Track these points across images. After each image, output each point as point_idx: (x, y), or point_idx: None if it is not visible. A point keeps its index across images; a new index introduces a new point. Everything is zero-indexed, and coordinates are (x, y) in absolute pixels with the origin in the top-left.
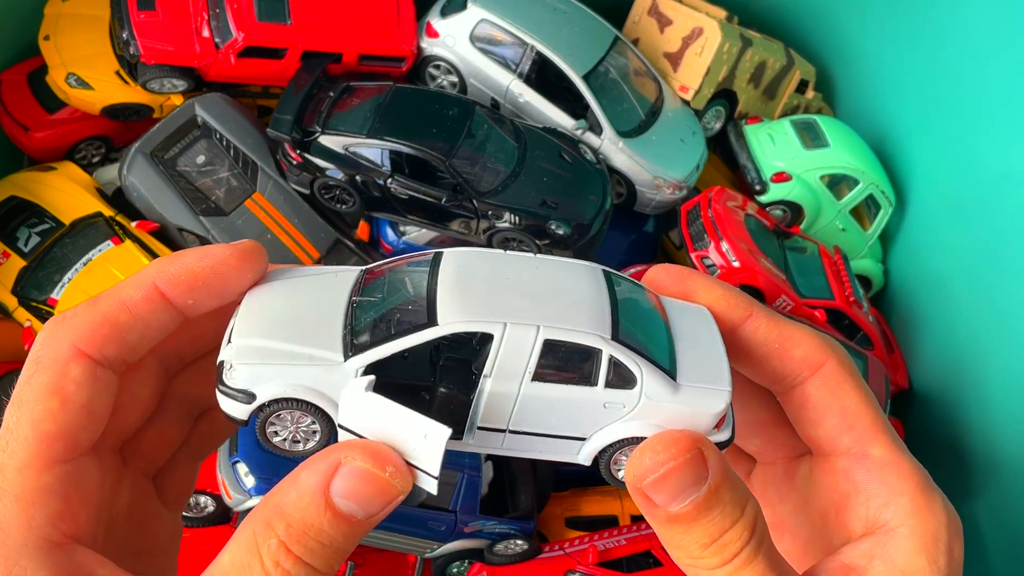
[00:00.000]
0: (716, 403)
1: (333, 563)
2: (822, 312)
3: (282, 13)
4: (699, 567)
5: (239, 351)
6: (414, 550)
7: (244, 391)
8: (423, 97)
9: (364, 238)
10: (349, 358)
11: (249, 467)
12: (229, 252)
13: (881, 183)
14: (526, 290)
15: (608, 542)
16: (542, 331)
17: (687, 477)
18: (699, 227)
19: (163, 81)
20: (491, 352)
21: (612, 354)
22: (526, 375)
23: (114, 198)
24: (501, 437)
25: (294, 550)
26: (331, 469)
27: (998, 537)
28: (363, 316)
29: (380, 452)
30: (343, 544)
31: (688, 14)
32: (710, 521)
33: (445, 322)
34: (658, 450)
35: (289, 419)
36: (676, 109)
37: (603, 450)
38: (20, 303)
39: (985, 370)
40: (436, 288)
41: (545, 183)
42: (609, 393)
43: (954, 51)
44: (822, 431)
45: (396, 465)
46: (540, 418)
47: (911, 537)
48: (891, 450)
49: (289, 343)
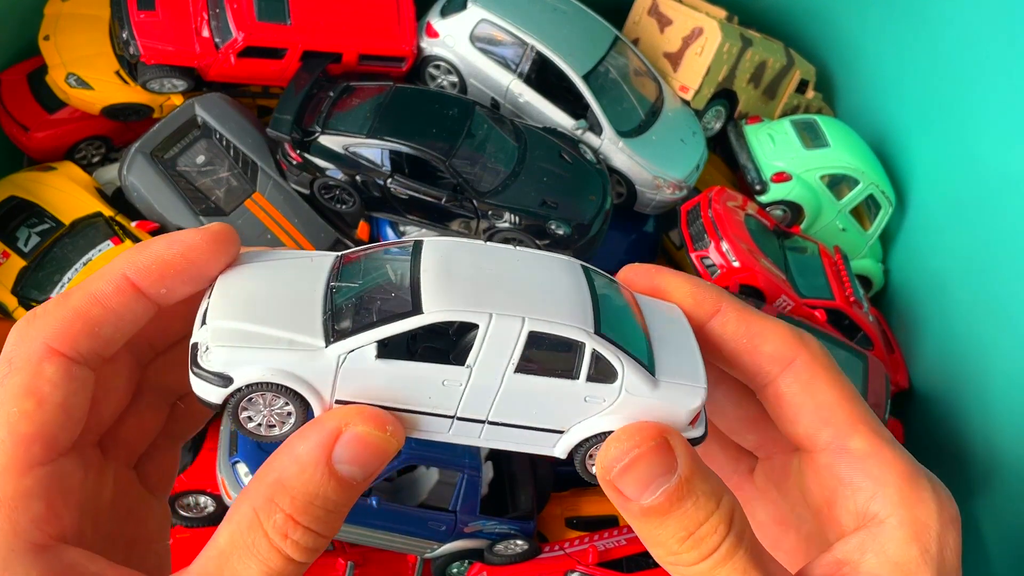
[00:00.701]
0: (692, 400)
1: (336, 525)
2: (822, 312)
3: (282, 13)
4: (679, 563)
5: (215, 333)
6: (414, 550)
7: (220, 374)
8: (423, 97)
9: (364, 238)
10: (330, 344)
11: (249, 467)
12: (200, 237)
13: (881, 183)
14: (508, 282)
15: (608, 542)
16: (527, 323)
17: (654, 466)
18: (699, 227)
19: (163, 81)
20: (475, 342)
21: (595, 348)
22: (509, 366)
23: (114, 198)
24: (480, 428)
25: (302, 521)
26: (331, 438)
27: (998, 537)
28: (343, 301)
29: (377, 414)
30: (346, 506)
31: (688, 14)
32: (684, 513)
33: (430, 310)
34: (622, 439)
35: (262, 403)
36: (676, 109)
37: (579, 444)
38: (20, 303)
39: (985, 370)
40: (419, 276)
41: (545, 183)
42: (590, 387)
43: (954, 51)
44: (800, 428)
45: (393, 423)
46: (520, 410)
47: (901, 527)
48: (872, 441)
49: (267, 326)
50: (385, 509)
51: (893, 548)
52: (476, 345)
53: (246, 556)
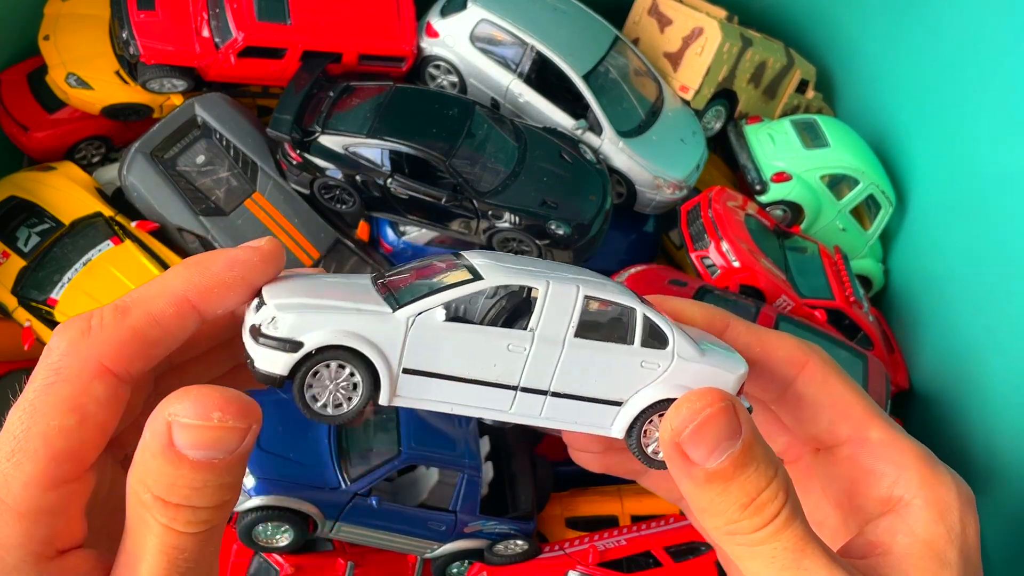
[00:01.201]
0: (738, 366)
1: (220, 495)
2: (822, 312)
3: (282, 13)
4: (738, 532)
5: (280, 305)
6: (414, 550)
7: (289, 340)
8: (423, 97)
9: (364, 238)
10: (398, 309)
11: (249, 467)
12: (257, 256)
13: (881, 183)
14: (555, 268)
15: (608, 542)
16: (582, 288)
17: (723, 429)
18: (699, 227)
19: (163, 81)
20: (536, 307)
21: (646, 314)
22: (570, 329)
23: (114, 198)
24: (541, 402)
25: (172, 500)
26: (166, 428)
27: (998, 537)
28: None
29: (203, 399)
30: (221, 480)
31: (688, 14)
32: (747, 479)
33: (490, 277)
34: (693, 400)
35: (327, 376)
36: (676, 109)
37: (636, 419)
38: (20, 303)
39: (985, 370)
40: (471, 264)
41: (545, 183)
42: (645, 352)
43: (954, 51)
44: (820, 425)
45: (223, 406)
46: (581, 378)
47: (926, 508)
48: (888, 431)
49: (330, 300)
50: (385, 509)
51: (921, 527)
52: (537, 310)
53: (143, 531)
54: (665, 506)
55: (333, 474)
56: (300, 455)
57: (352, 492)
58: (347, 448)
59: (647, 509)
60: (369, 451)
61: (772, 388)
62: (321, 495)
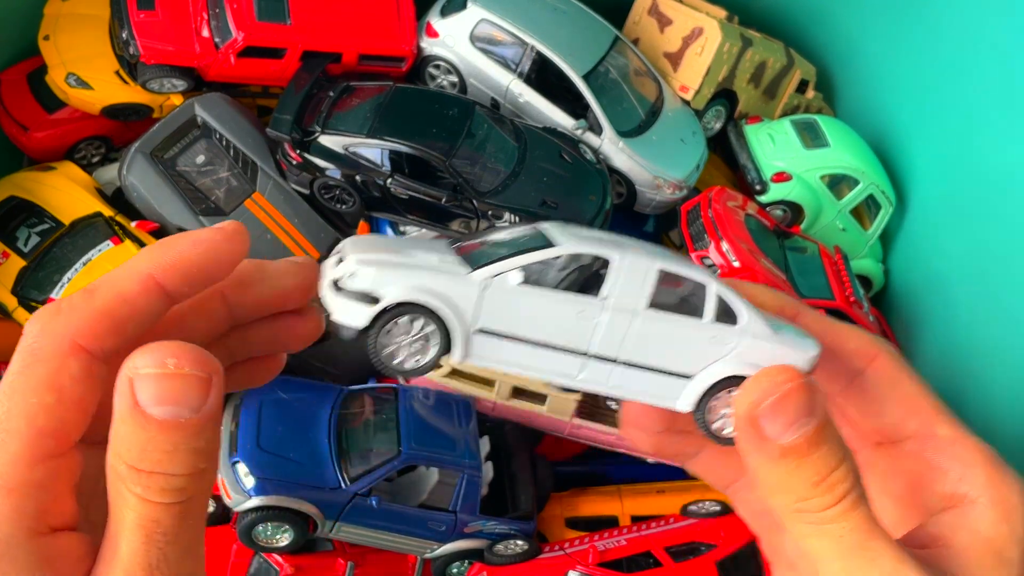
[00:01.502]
0: (811, 347)
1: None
2: (822, 312)
3: (282, 13)
4: (807, 510)
5: (361, 260)
6: (414, 550)
7: (367, 293)
8: (423, 97)
9: None
10: (475, 270)
11: (249, 467)
12: (219, 236)
13: (881, 183)
14: (625, 240)
15: (608, 542)
16: (657, 260)
17: (802, 404)
18: (699, 227)
19: (163, 81)
20: (609, 276)
21: (718, 290)
22: (642, 299)
23: (114, 198)
24: (610, 371)
25: (145, 468)
26: (129, 385)
27: None
28: (476, 249)
29: (159, 348)
30: (191, 443)
31: (688, 14)
32: (819, 457)
33: (564, 244)
34: (773, 375)
35: (402, 331)
36: (676, 109)
37: (704, 394)
38: (20, 303)
39: (985, 370)
40: (546, 232)
41: (545, 183)
42: (716, 328)
43: (954, 51)
44: (887, 418)
45: (178, 353)
46: (651, 349)
47: (992, 507)
48: (956, 429)
49: (410, 258)
50: (385, 509)
51: (984, 526)
52: (610, 279)
53: (121, 506)
54: (665, 506)
55: (333, 474)
56: (300, 455)
57: (352, 492)
58: (347, 448)
59: (647, 509)
60: (369, 451)
61: (839, 378)
62: (321, 495)
